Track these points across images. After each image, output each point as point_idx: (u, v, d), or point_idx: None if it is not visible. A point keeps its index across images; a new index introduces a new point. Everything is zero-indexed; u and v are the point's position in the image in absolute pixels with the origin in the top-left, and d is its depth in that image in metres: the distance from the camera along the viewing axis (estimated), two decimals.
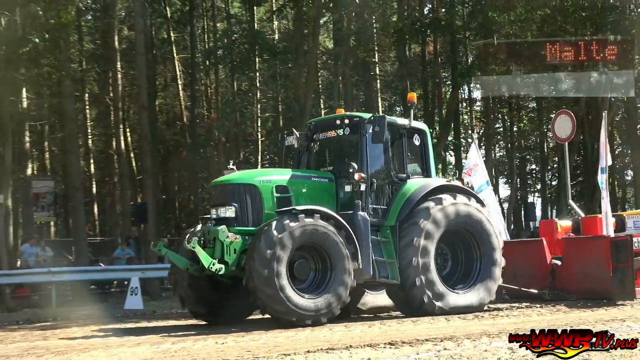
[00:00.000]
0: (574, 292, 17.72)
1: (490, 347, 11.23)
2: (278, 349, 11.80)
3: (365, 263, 15.25)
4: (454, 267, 16.96)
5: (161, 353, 12.03)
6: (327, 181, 16.34)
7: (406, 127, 16.66)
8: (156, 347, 12.74)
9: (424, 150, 17.14)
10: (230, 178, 15.99)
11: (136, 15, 33.80)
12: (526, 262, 18.85)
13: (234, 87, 40.02)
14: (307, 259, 15.02)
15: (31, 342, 14.43)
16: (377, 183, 16.17)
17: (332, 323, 15.00)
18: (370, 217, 15.70)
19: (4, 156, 26.84)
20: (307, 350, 11.37)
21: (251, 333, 14.08)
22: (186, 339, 13.64)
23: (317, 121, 18.17)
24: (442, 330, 13.55)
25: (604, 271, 17.04)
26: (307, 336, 13.50)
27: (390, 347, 11.48)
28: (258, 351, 11.62)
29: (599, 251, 17.45)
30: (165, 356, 11.70)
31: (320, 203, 15.66)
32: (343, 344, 11.92)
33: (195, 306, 16.14)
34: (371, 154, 16.10)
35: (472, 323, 14.87)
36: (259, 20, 39.97)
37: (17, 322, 19.74)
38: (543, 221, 22.26)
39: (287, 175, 16.12)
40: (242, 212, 15.32)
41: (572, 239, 19.12)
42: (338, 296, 14.80)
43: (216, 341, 13.22)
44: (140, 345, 13.16)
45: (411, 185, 16.41)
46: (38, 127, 37.90)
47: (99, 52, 40.21)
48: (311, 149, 17.37)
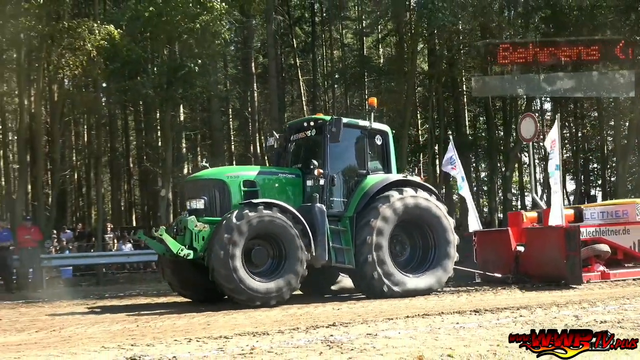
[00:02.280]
0: (534, 277, 16.72)
1: (558, 314, 11.03)
2: (383, 314, 11.81)
3: (321, 249, 14.33)
4: (411, 255, 15.78)
5: (289, 316, 12.13)
6: (294, 177, 15.36)
7: (367, 128, 15.62)
8: (285, 312, 12.89)
9: (386, 149, 15.98)
10: (201, 174, 15.27)
11: (269, 46, 34.44)
12: (494, 249, 17.92)
13: (347, 102, 40.25)
14: (265, 247, 14.03)
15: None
16: (338, 178, 15.21)
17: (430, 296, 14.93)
18: (331, 209, 14.86)
19: (165, 159, 27.53)
20: (407, 315, 11.33)
21: (362, 301, 14.13)
22: (309, 306, 13.74)
23: (291, 124, 17.30)
24: (519, 301, 13.37)
25: (558, 258, 16.12)
26: (406, 304, 13.45)
27: (475, 314, 11.34)
28: (367, 315, 11.65)
29: (554, 240, 16.44)
30: (292, 318, 11.78)
31: (286, 197, 14.95)
32: (436, 311, 11.83)
33: (180, 289, 15.43)
34: (333, 153, 15.10)
35: (544, 294, 14.51)
36: (368, 47, 40.03)
37: None
38: (510, 213, 20.91)
39: (254, 171, 15.31)
40: (211, 204, 14.51)
41: (532, 228, 17.94)
42: (288, 282, 13.83)
43: (332, 307, 13.35)
44: (273, 310, 13.33)
45: (370, 180, 15.39)
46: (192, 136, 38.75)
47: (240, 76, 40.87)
48: (288, 149, 16.47)
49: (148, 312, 13.45)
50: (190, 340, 9.40)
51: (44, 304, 16.67)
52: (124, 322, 12.03)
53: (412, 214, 15.31)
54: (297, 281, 13.99)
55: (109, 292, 19.83)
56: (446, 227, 15.56)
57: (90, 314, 13.39)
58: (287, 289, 13.87)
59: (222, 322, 11.67)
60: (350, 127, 15.47)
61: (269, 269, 14.04)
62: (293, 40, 39.11)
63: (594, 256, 17.33)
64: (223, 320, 11.84)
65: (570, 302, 12.58)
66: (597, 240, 17.48)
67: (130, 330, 10.96)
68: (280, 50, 39.85)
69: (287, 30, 39.82)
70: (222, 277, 13.41)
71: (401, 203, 15.06)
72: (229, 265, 13.31)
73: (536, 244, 17.02)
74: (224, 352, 8.28)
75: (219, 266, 13.36)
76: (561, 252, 16.09)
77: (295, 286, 14.05)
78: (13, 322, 12.66)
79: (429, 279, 15.30)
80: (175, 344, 9.14)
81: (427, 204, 15.41)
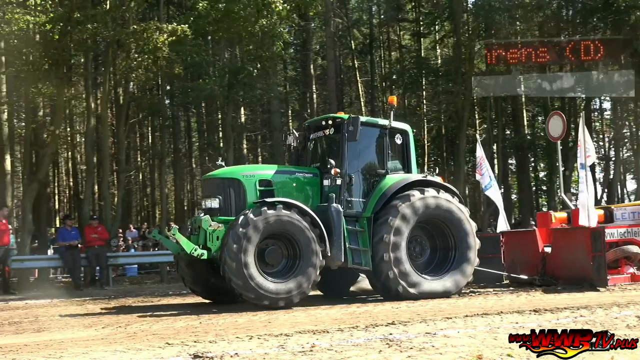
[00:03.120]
0: (561, 279, 15.96)
1: (620, 315, 10.79)
2: (442, 313, 11.72)
3: (337, 250, 13.87)
4: (431, 257, 15.18)
5: (349, 315, 12.13)
6: (311, 176, 14.92)
7: (387, 127, 15.07)
8: (344, 310, 12.88)
9: (406, 148, 15.46)
10: (217, 173, 14.94)
11: (328, 48, 34.58)
12: (522, 250, 17.24)
13: (404, 102, 40.03)
14: (278, 246, 13.68)
15: None
16: (356, 178, 14.75)
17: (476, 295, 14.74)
18: (348, 209, 14.40)
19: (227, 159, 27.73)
20: (465, 314, 11.22)
21: (420, 300, 13.95)
22: (367, 305, 13.74)
23: (310, 122, 16.78)
24: (578, 300, 13.08)
25: (585, 259, 15.47)
26: (465, 303, 13.33)
27: (535, 314, 11.18)
28: (426, 314, 11.57)
29: (580, 241, 15.78)
30: (352, 317, 11.78)
31: (303, 196, 14.55)
32: (495, 310, 11.73)
33: (192, 285, 15.09)
34: (351, 152, 14.63)
35: (605, 295, 14.12)
36: (425, 48, 39.78)
37: None
38: (539, 213, 20.04)
39: (271, 170, 14.89)
40: (226, 204, 14.16)
41: (559, 229, 17.23)
42: (299, 286, 13.43)
43: (392, 306, 13.27)
44: (333, 307, 13.32)
45: (389, 180, 14.85)
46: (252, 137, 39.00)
47: (299, 77, 41.05)
48: (307, 147, 16.09)
49: (210, 309, 13.57)
50: (252, 337, 9.46)
51: (110, 301, 16.96)
52: (187, 319, 12.17)
53: (433, 215, 14.78)
54: (308, 286, 13.60)
55: (172, 289, 20.06)
56: (468, 230, 14.96)
57: (155, 311, 13.56)
58: (297, 293, 13.46)
59: (282, 319, 11.72)
60: (370, 126, 15.11)
61: (282, 270, 13.69)
62: (351, 42, 39.14)
63: (624, 258, 16.55)
64: (283, 318, 11.89)
65: (632, 303, 12.29)
66: (629, 242, 16.63)
67: (193, 327, 11.08)
68: (338, 52, 39.88)
69: (345, 32, 39.89)
70: (233, 272, 13.08)
71: (422, 203, 14.54)
72: (244, 275, 13.01)
73: (562, 245, 16.40)
74: (284, 350, 8.31)
75: (235, 277, 13.09)
76: (587, 254, 15.47)
77: (306, 291, 13.62)
78: (81, 319, 12.89)
79: (446, 282, 14.72)
80: (237, 341, 9.21)
81: (448, 206, 14.85)
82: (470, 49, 31.51)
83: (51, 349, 9.09)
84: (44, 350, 9.01)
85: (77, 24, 22.52)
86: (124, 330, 11.00)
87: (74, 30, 22.83)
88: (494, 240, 17.84)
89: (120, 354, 8.49)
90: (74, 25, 22.54)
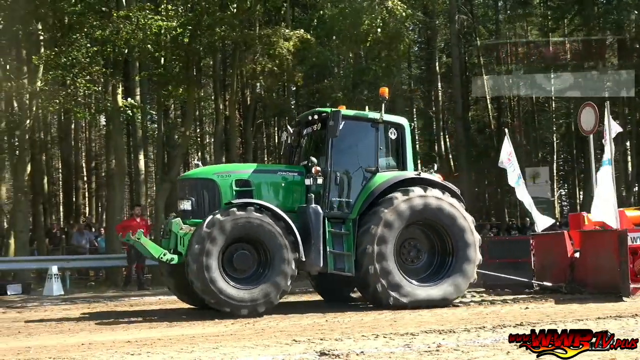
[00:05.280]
0: (589, 287, 14.36)
1: None
2: (572, 315, 11.35)
3: (315, 254, 12.81)
4: (429, 260, 13.81)
5: (475, 315, 11.96)
6: (296, 175, 13.76)
7: (378, 121, 13.84)
8: (471, 310, 12.74)
9: (402, 143, 14.09)
10: (190, 173, 14.29)
11: (453, 45, 34.34)
12: (552, 255, 15.61)
13: (533, 99, 39.28)
14: (249, 251, 12.70)
15: None
16: (343, 176, 13.58)
17: None
18: (333, 210, 13.34)
19: None
20: (598, 317, 10.82)
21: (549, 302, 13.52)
22: (495, 305, 13.52)
23: (301, 117, 15.64)
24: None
25: (614, 265, 13.75)
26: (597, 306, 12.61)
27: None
28: (555, 316, 11.26)
29: (608, 245, 14.11)
30: (479, 317, 11.61)
31: (285, 197, 13.57)
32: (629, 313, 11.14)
33: (177, 292, 14.29)
34: (337, 148, 13.47)
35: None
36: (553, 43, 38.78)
37: None
38: (572, 214, 17.88)
39: (249, 170, 13.85)
40: (199, 205, 13.23)
41: (586, 231, 15.49)
42: (266, 294, 12.43)
43: (520, 307, 12.98)
44: (459, 308, 13.17)
45: (379, 178, 13.58)
46: None
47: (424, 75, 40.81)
48: (301, 144, 14.94)
49: (336, 308, 13.61)
50: (377, 336, 9.47)
51: None
52: (314, 317, 12.29)
53: (423, 216, 13.52)
54: (276, 295, 12.61)
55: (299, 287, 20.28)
56: (463, 227, 13.57)
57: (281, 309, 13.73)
58: (264, 302, 12.50)
59: (408, 319, 11.67)
60: (358, 120, 13.95)
61: (251, 277, 12.73)
62: (476, 39, 38.61)
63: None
64: (409, 317, 11.85)
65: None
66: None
67: (320, 325, 11.17)
68: (463, 49, 39.46)
69: (470, 29, 39.38)
70: (194, 274, 12.37)
71: (407, 205, 13.25)
72: (202, 262, 12.22)
73: (590, 249, 14.80)
74: (410, 349, 8.28)
75: (192, 262, 12.32)
76: (616, 259, 13.79)
77: (273, 300, 12.61)
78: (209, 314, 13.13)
79: (445, 287, 13.41)
80: (362, 340, 9.24)
81: (438, 204, 13.47)
82: (602, 43, 30.53)
83: (183, 344, 9.38)
84: (176, 345, 9.31)
85: (206, 28, 23.12)
86: (252, 327, 11.22)
87: (203, 34, 23.46)
88: (524, 243, 16.74)
89: (249, 350, 8.66)
90: (203, 29, 23.16)
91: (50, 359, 8.39)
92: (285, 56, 23.61)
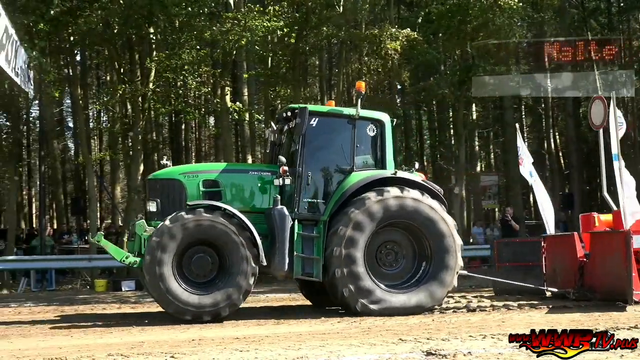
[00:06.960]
0: (598, 292, 13.38)
1: None
2: None
3: (280, 258, 12.23)
4: (409, 265, 12.96)
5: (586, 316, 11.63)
6: (269, 175, 13.07)
7: (354, 117, 13.07)
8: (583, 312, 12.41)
9: (381, 141, 13.30)
10: (157, 174, 13.77)
11: None
12: (562, 258, 14.63)
13: None
14: (208, 256, 12.20)
15: None
16: (315, 176, 12.95)
17: None
18: (304, 212, 12.72)
19: (459, 156, 27.62)
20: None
21: None
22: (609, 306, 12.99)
23: (278, 114, 14.92)
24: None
25: (622, 269, 12.63)
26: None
27: None
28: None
29: (616, 247, 12.99)
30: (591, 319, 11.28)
31: (256, 197, 12.99)
32: None
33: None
34: (310, 146, 12.84)
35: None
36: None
37: None
38: (583, 215, 16.40)
39: (218, 169, 13.32)
40: (164, 207, 12.72)
41: (595, 233, 14.35)
42: (228, 297, 11.93)
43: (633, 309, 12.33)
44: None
45: (353, 177, 12.87)
46: (484, 134, 38.53)
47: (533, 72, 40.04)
48: (282, 142, 14.14)
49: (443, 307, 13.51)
50: (485, 336, 9.38)
51: None
52: (420, 316, 12.25)
53: (399, 218, 12.72)
54: (239, 296, 12.08)
55: None
56: (443, 231, 12.73)
57: None
58: (226, 305, 11.99)
59: (516, 319, 11.51)
60: (332, 117, 13.28)
61: (211, 281, 12.28)
62: (588, 33, 37.56)
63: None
64: (518, 318, 11.68)
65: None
66: None
67: (426, 324, 11.13)
68: None
69: (581, 23, 38.35)
70: (149, 285, 12.15)
71: (380, 206, 12.52)
72: (155, 272, 11.82)
73: (599, 252, 13.68)
74: (518, 350, 8.14)
75: (146, 272, 11.99)
76: (623, 262, 12.71)
77: (236, 302, 12.11)
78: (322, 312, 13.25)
79: (420, 294, 12.61)
80: (469, 340, 9.17)
81: (415, 205, 12.67)
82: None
83: (290, 341, 9.50)
84: (283, 342, 9.44)
85: (313, 28, 23.32)
86: (358, 325, 11.26)
87: (309, 33, 23.67)
88: (534, 245, 15.84)
89: (355, 349, 8.70)
90: (310, 29, 23.37)
91: (163, 354, 8.62)
92: (392, 55, 23.59)
